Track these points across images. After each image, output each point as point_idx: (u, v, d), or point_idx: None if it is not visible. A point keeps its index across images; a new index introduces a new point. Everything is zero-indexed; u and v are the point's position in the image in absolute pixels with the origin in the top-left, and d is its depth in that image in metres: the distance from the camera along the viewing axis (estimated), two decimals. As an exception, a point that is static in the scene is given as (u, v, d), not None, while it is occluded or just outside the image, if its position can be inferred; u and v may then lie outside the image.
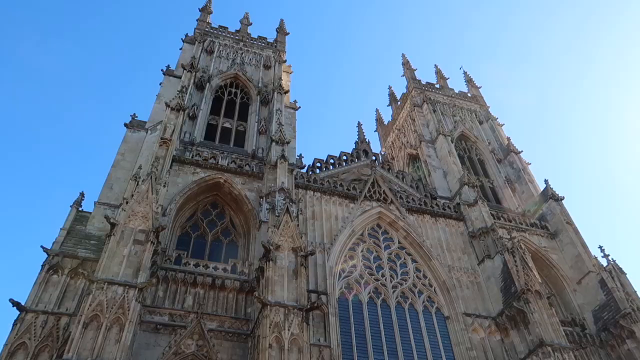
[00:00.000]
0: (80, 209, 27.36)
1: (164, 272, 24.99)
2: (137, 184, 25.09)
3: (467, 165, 43.65)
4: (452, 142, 44.22)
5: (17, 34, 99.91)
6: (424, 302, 29.83)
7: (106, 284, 20.39)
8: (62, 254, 23.90)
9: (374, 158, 39.27)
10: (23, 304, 21.75)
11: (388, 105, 59.21)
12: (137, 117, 33.22)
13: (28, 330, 21.03)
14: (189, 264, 26.21)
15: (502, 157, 45.87)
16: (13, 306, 21.49)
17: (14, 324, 21.21)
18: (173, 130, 30.11)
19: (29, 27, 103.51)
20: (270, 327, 21.51)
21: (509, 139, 47.23)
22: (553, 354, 25.48)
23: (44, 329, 21.28)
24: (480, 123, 49.80)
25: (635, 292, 32.34)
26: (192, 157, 31.60)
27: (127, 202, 23.97)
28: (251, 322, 24.32)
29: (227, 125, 37.76)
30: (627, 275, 33.45)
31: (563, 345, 26.23)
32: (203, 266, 26.44)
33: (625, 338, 30.20)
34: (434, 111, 48.22)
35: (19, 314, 21.52)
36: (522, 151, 45.53)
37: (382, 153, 50.94)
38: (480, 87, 55.19)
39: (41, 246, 23.98)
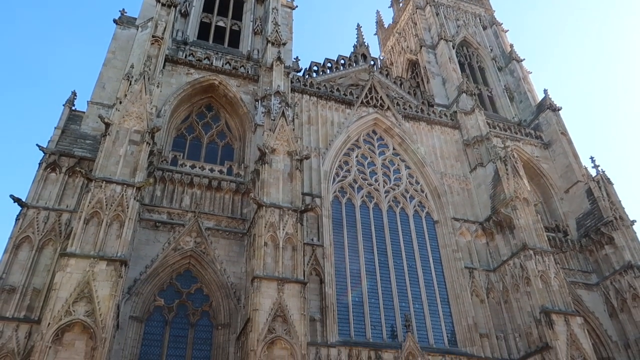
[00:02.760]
0: (73, 108, 26.99)
1: (160, 173, 25.40)
2: (130, 84, 24.55)
3: (467, 72, 42.74)
4: (454, 48, 42.89)
5: None
6: (414, 206, 30.79)
7: (104, 182, 20.75)
8: (58, 153, 23.98)
9: (372, 63, 38.29)
10: (24, 200, 22.25)
11: (389, 7, 56.64)
12: (126, 12, 31.73)
13: (31, 225, 21.68)
14: (185, 165, 26.56)
15: (503, 65, 44.86)
16: (14, 202, 21.98)
17: (17, 219, 21.81)
18: (165, 28, 28.86)
19: None
20: (265, 227, 22.37)
21: (511, 46, 45.89)
22: (534, 257, 26.91)
23: (46, 224, 21.93)
24: (484, 28, 48.03)
25: (619, 201, 33.36)
26: (185, 57, 30.68)
27: (120, 102, 23.63)
28: (247, 221, 25.20)
29: (221, 24, 36.21)
30: (615, 186, 34.28)
31: (544, 249, 27.61)
32: (199, 168, 26.82)
33: (604, 244, 31.70)
34: (437, 14, 46.16)
35: (21, 210, 22.04)
36: (524, 59, 44.48)
37: (381, 58, 49.58)
38: (487, -11, 52.40)
39: (37, 144, 23.99)
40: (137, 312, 21.61)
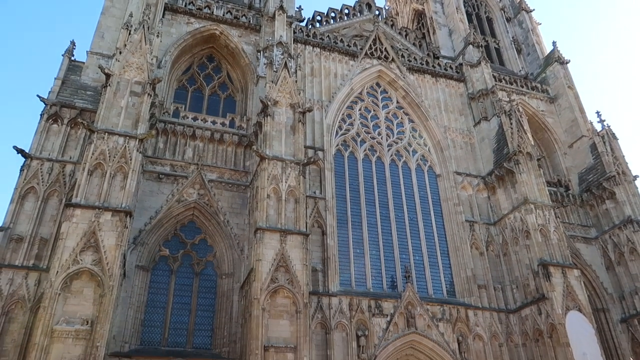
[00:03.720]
0: (72, 58, 26.54)
1: (162, 125, 25.32)
2: (129, 34, 24.05)
3: (475, 23, 41.58)
4: (462, -3, 41.60)
5: None
6: (417, 160, 30.78)
7: (107, 134, 20.74)
8: (59, 104, 23.77)
9: (377, 13, 37.23)
10: (27, 151, 22.27)
11: (396, -47, 54.36)
12: (123, -42, 30.57)
13: (35, 176, 21.81)
14: (187, 118, 26.42)
15: (512, 15, 43.63)
16: (18, 153, 22.00)
17: (21, 170, 21.92)
18: (163, -25, 28.01)
19: None
20: (268, 179, 22.52)
21: (521, -5, 44.45)
22: (535, 211, 27.13)
23: (50, 175, 22.05)
24: (494, -24, 46.34)
25: (623, 156, 33.22)
26: (185, 5, 29.93)
27: (120, 53, 23.25)
28: (250, 174, 25.34)
29: (221, -30, 34.95)
30: (619, 141, 34.05)
31: (545, 203, 27.80)
32: (201, 120, 26.69)
33: (605, 199, 31.87)
34: (445, -39, 44.41)
35: (25, 161, 22.11)
36: (533, 10, 43.20)
37: (386, 7, 48.23)
38: None
39: (37, 95, 23.78)
40: (143, 261, 22.12)
